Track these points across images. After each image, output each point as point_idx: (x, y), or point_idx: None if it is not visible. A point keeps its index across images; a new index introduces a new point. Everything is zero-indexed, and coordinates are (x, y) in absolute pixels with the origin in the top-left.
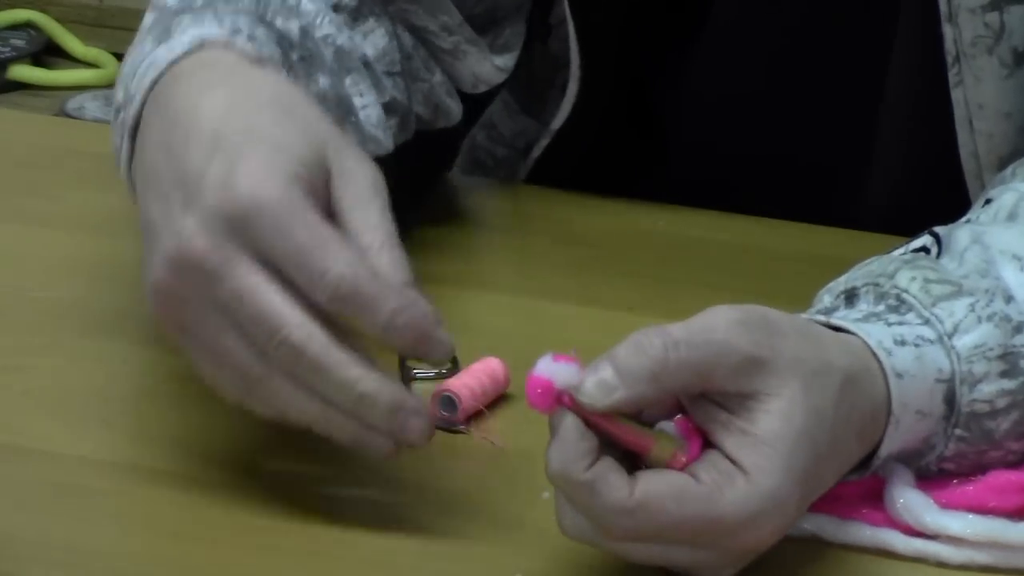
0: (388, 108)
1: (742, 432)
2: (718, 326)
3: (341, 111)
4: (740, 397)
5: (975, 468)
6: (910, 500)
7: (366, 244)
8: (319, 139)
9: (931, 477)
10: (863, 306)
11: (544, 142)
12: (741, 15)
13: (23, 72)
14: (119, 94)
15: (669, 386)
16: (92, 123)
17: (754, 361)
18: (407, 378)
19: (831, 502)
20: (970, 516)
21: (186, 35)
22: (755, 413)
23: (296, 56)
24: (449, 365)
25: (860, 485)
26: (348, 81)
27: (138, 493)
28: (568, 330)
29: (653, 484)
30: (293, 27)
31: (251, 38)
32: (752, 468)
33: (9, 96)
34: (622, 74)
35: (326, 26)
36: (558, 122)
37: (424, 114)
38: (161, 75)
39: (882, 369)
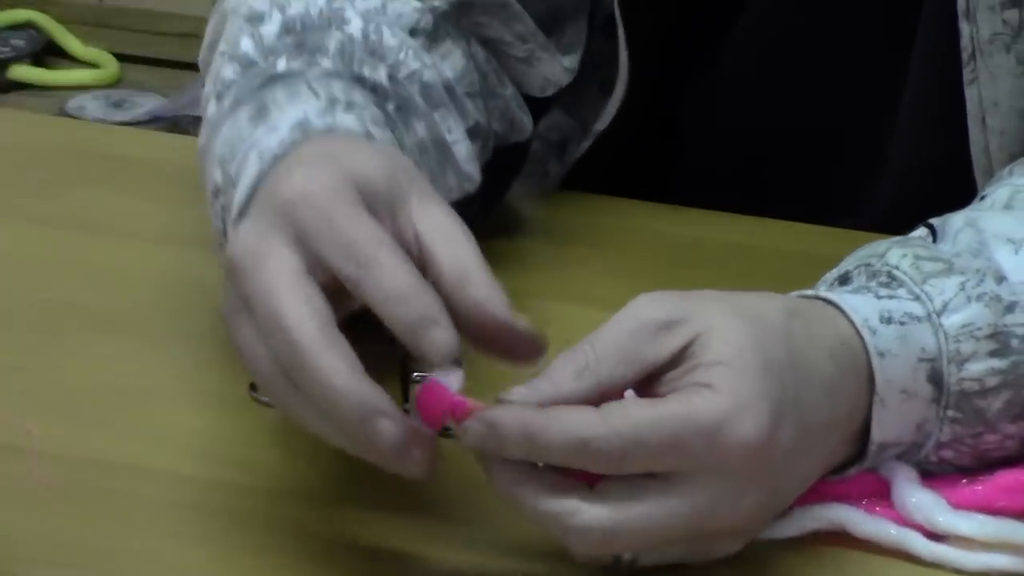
0: (472, 133)
1: (689, 371)
2: (631, 304)
3: (440, 154)
4: (676, 359)
5: (974, 457)
6: (922, 500)
7: (454, 280)
8: (393, 170)
9: (937, 476)
10: (855, 284)
11: (581, 144)
12: (770, 16)
13: (23, 72)
14: (216, 174)
15: (599, 375)
16: (92, 123)
17: (669, 322)
18: (407, 380)
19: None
20: (981, 517)
21: (285, 118)
22: (693, 350)
23: (392, 107)
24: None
25: (865, 485)
26: (437, 117)
27: (138, 493)
28: (567, 330)
29: (623, 408)
30: (381, 75)
31: (349, 107)
32: (710, 381)
33: (9, 96)
34: (665, 77)
35: (410, 61)
36: (603, 124)
37: (500, 130)
38: (266, 168)
39: (864, 347)
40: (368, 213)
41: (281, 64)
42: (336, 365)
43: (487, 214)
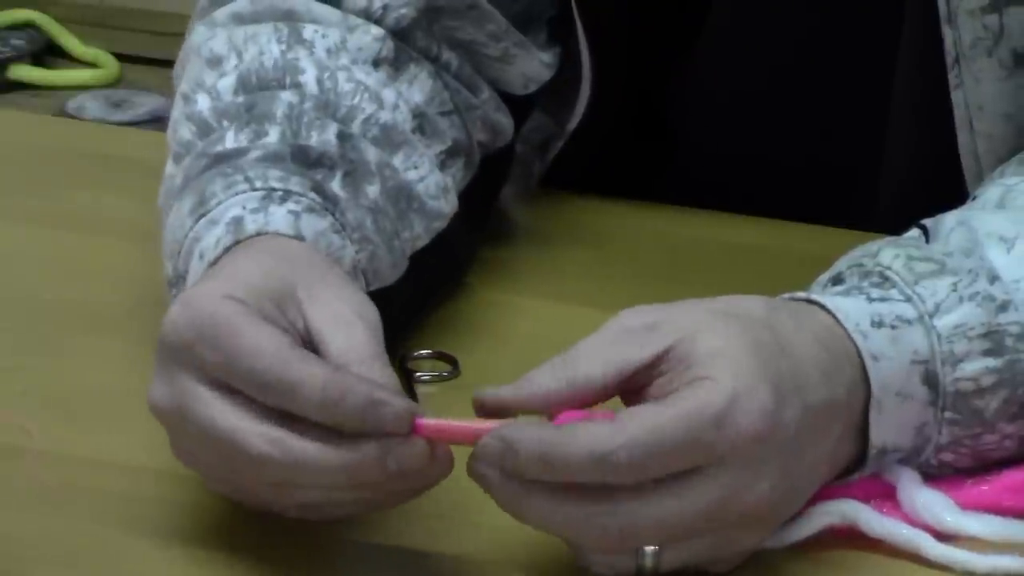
0: (452, 152)
1: (682, 372)
2: (613, 317)
3: (400, 205)
4: (657, 363)
5: (974, 459)
6: (930, 499)
7: (341, 364)
8: (287, 275)
9: (940, 477)
10: (847, 284)
11: (559, 144)
12: (748, 18)
13: (23, 72)
14: (168, 266)
15: (575, 374)
16: (92, 123)
17: (647, 326)
18: (410, 381)
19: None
20: (990, 517)
21: (222, 218)
22: (679, 352)
23: (339, 176)
24: (450, 368)
25: (870, 487)
26: (398, 159)
27: (138, 493)
28: (566, 330)
29: (635, 416)
30: (330, 136)
31: (285, 197)
32: (708, 373)
33: (9, 96)
34: (633, 75)
35: (365, 106)
36: (573, 123)
37: (484, 139)
38: (206, 269)
39: (859, 352)
40: (255, 320)
41: (229, 138)
42: (317, 448)
43: (483, 223)
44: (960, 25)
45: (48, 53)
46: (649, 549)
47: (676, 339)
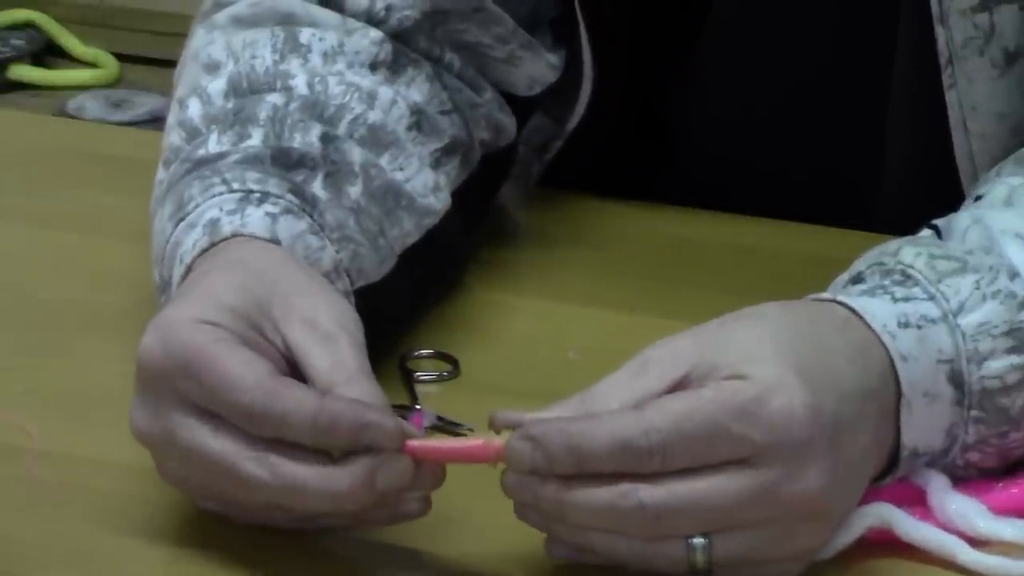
0: (448, 150)
1: (710, 379)
2: (638, 353)
3: (387, 203)
4: (680, 386)
5: (1000, 458)
6: (962, 505)
7: (326, 384)
8: (261, 292)
9: (969, 481)
10: (868, 284)
11: (558, 143)
12: (747, 20)
13: (23, 72)
14: (155, 273)
15: (592, 408)
16: (92, 123)
17: (664, 358)
18: (410, 381)
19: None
20: (1022, 522)
21: (199, 221)
22: (703, 368)
23: (320, 177)
24: (450, 368)
25: (902, 492)
26: (385, 159)
27: (139, 493)
28: (567, 330)
29: (661, 404)
30: (313, 138)
31: (262, 199)
32: (736, 372)
33: (9, 96)
34: (634, 76)
35: (355, 105)
36: (572, 123)
37: (487, 138)
38: (184, 272)
39: (887, 353)
40: (233, 348)
41: (212, 142)
42: (308, 469)
43: (480, 220)
44: (952, 25)
45: (48, 53)
46: (699, 541)
47: (695, 361)
